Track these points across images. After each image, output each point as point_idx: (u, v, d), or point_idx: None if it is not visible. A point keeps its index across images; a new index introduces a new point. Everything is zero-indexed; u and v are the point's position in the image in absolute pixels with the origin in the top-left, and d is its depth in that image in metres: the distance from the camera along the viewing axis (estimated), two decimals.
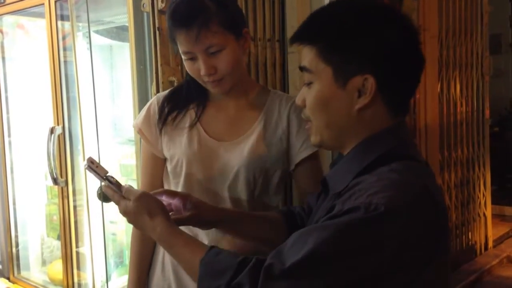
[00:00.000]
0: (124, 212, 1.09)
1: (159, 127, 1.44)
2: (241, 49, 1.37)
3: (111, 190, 1.10)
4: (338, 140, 0.99)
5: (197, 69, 1.32)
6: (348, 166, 0.96)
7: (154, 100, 1.48)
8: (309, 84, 0.99)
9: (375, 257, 0.83)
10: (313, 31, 0.99)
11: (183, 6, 1.28)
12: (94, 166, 1.09)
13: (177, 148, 1.41)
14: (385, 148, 0.94)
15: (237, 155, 1.39)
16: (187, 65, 1.35)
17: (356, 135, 0.97)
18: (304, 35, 1.00)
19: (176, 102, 1.45)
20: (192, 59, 1.32)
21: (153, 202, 1.08)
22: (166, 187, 1.47)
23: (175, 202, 1.19)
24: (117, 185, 1.10)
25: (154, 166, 1.48)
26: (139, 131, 1.47)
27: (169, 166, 1.44)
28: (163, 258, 1.49)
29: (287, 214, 1.28)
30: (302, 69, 1.00)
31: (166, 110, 1.44)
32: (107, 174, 1.11)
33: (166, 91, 1.51)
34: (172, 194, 1.20)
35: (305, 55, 0.99)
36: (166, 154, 1.44)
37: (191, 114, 1.44)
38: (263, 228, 1.25)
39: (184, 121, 1.43)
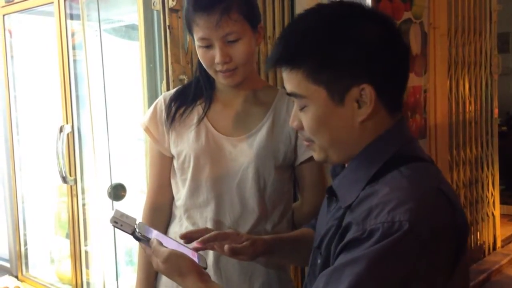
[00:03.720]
0: (157, 270, 1.09)
1: (168, 124, 1.43)
2: (255, 43, 1.37)
3: (143, 244, 1.10)
4: (345, 155, 0.96)
5: (211, 57, 1.32)
6: (355, 175, 0.93)
7: (161, 98, 1.48)
8: (302, 107, 0.94)
9: (411, 275, 0.81)
10: (294, 53, 0.92)
11: None
12: (119, 225, 1.07)
13: (184, 144, 1.41)
14: (390, 152, 0.92)
15: (246, 150, 1.39)
16: (200, 53, 1.34)
17: (361, 145, 0.94)
18: (285, 59, 0.94)
19: (184, 99, 1.45)
20: (208, 46, 1.31)
21: (181, 261, 1.04)
22: (173, 185, 1.47)
23: (226, 247, 1.18)
24: (146, 239, 1.08)
25: (161, 164, 1.48)
26: (146, 129, 1.47)
27: (176, 163, 1.44)
28: None
29: None
30: (291, 95, 0.95)
31: (173, 107, 1.44)
32: (136, 224, 1.09)
33: (173, 90, 1.51)
34: (224, 235, 1.20)
35: (290, 80, 0.93)
36: (174, 151, 1.44)
37: (198, 110, 1.43)
38: (302, 248, 1.24)
39: (192, 117, 1.43)
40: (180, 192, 1.45)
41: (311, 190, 1.48)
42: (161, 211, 1.49)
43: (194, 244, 1.17)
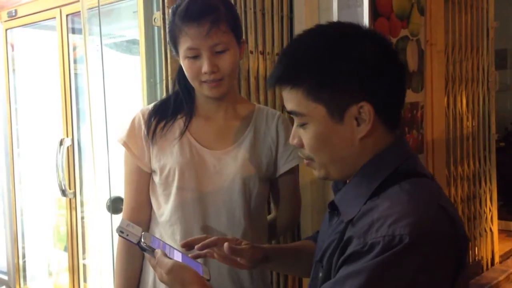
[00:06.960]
0: (160, 280, 1.09)
1: (150, 139, 1.42)
2: (239, 56, 1.39)
3: (147, 255, 1.11)
4: (345, 172, 0.98)
5: (197, 67, 1.32)
6: (357, 190, 0.95)
7: (139, 113, 1.47)
8: (302, 125, 0.96)
9: None
10: (294, 73, 0.95)
11: (196, 3, 1.31)
12: (124, 235, 1.09)
13: (168, 158, 1.40)
14: (392, 167, 0.93)
15: (231, 163, 1.40)
16: (187, 64, 1.34)
17: (361, 161, 0.96)
18: (285, 78, 0.96)
19: (163, 113, 1.44)
20: (195, 57, 1.32)
21: (184, 272, 1.05)
22: (153, 201, 1.45)
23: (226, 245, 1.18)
24: (151, 250, 1.09)
25: (139, 180, 1.45)
26: (124, 144, 1.45)
27: (158, 178, 1.42)
28: (154, 283, 1.43)
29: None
30: (291, 113, 0.97)
31: (154, 122, 1.43)
32: (141, 234, 1.10)
33: (150, 105, 1.49)
34: (223, 241, 1.20)
35: (290, 99, 0.96)
36: (155, 165, 1.42)
37: (179, 124, 1.43)
38: (302, 259, 1.25)
39: (173, 132, 1.42)
40: (163, 208, 1.43)
41: (287, 202, 1.53)
42: None
43: (195, 250, 1.18)
